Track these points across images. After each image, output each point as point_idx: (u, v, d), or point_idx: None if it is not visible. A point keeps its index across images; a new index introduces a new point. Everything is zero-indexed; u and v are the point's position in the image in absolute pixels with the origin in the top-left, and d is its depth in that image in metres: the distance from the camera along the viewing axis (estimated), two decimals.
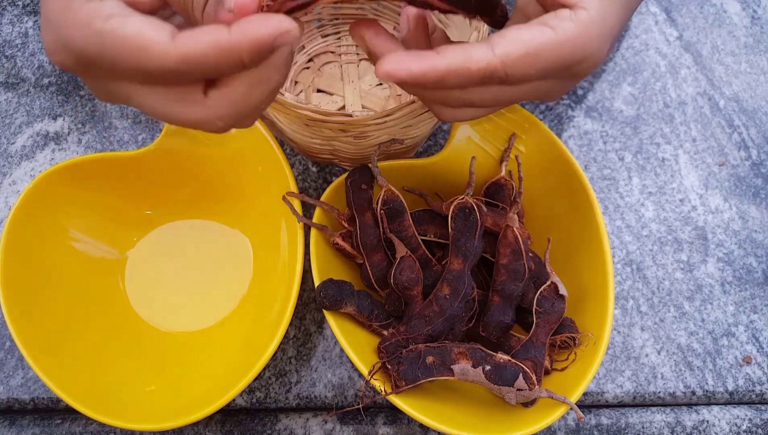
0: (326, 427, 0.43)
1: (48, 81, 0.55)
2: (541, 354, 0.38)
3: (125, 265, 0.46)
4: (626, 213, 0.51)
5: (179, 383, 0.41)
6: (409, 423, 0.43)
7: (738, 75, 0.58)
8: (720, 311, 0.48)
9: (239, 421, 0.43)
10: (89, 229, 0.45)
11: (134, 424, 0.37)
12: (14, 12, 0.58)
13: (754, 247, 0.51)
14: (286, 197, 0.42)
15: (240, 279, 0.46)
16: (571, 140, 0.54)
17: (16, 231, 0.40)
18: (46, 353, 0.39)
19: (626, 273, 0.49)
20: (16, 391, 0.44)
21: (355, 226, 0.41)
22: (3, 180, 0.51)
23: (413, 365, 0.36)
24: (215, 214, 0.48)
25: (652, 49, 0.59)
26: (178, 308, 0.46)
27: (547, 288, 0.39)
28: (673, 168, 0.53)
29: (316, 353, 0.45)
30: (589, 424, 0.44)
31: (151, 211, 0.48)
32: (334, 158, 0.47)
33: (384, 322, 0.40)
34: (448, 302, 0.38)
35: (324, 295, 0.37)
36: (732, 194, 0.53)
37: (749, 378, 0.46)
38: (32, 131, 0.52)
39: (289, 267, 0.41)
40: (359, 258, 0.42)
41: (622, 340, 0.47)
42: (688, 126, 0.55)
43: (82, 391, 0.38)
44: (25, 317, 0.39)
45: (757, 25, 0.61)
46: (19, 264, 0.40)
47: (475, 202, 0.40)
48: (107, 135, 0.53)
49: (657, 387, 0.45)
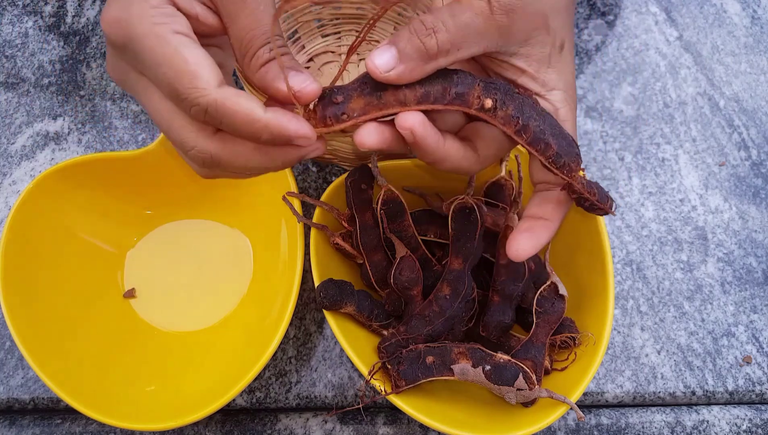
0: (326, 427, 0.43)
1: (48, 81, 0.55)
2: (541, 354, 0.38)
3: (125, 265, 0.46)
4: (626, 213, 0.51)
5: (179, 383, 0.41)
6: (409, 423, 0.43)
7: (738, 75, 0.58)
8: (720, 311, 0.48)
9: (239, 421, 0.43)
10: (89, 229, 0.45)
11: (134, 424, 0.37)
12: (14, 12, 0.58)
13: (754, 247, 0.51)
14: (286, 197, 0.42)
15: (240, 279, 0.46)
16: None
17: (16, 231, 0.40)
18: (45, 353, 0.39)
19: (626, 273, 0.49)
20: (16, 391, 0.44)
21: (355, 226, 0.41)
22: (3, 180, 0.51)
23: (413, 365, 0.36)
24: (215, 214, 0.48)
25: (652, 49, 0.59)
26: (178, 308, 0.46)
27: (547, 288, 0.39)
28: (673, 168, 0.53)
29: (316, 353, 0.45)
30: (589, 424, 0.44)
31: (151, 211, 0.48)
32: (334, 158, 0.47)
33: (384, 322, 0.40)
34: (448, 302, 0.38)
35: (324, 295, 0.37)
36: (732, 194, 0.53)
37: (749, 378, 0.46)
38: (32, 131, 0.52)
39: (289, 267, 0.41)
40: (359, 258, 0.42)
41: (622, 340, 0.47)
42: (688, 126, 0.55)
43: (82, 391, 0.38)
44: (25, 317, 0.39)
45: (757, 25, 0.61)
46: (19, 264, 0.40)
47: (475, 202, 0.40)
48: (107, 135, 0.53)
49: (657, 387, 0.45)
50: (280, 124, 0.24)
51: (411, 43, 0.25)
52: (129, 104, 0.54)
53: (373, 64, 0.25)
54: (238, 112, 0.24)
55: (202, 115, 0.24)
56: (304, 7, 0.51)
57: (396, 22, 0.53)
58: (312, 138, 0.25)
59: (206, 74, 0.24)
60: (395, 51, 0.25)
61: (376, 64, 0.25)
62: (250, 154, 0.26)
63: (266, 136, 0.24)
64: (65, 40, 0.57)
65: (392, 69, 0.25)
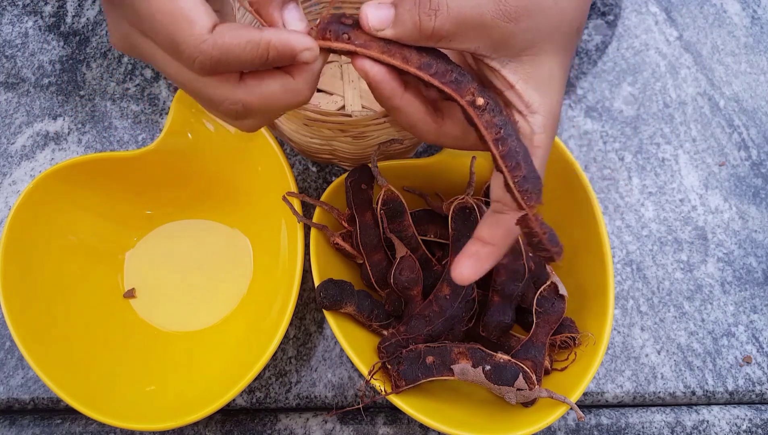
0: (326, 427, 0.43)
1: (48, 81, 0.55)
2: (541, 354, 0.38)
3: (125, 265, 0.46)
4: (626, 213, 0.51)
5: (179, 383, 0.41)
6: (409, 423, 0.43)
7: (738, 75, 0.58)
8: (720, 311, 0.48)
9: (239, 421, 0.43)
10: (89, 229, 0.45)
11: (134, 424, 0.37)
12: (14, 12, 0.58)
13: (754, 247, 0.51)
14: (286, 197, 0.42)
15: (240, 279, 0.46)
16: (571, 140, 0.54)
17: (16, 231, 0.40)
18: (45, 353, 0.39)
19: (626, 273, 0.49)
20: (16, 391, 0.44)
21: (355, 226, 0.41)
22: (3, 180, 0.51)
23: (413, 365, 0.36)
24: (215, 214, 0.48)
25: (652, 49, 0.59)
26: (178, 308, 0.46)
27: (547, 288, 0.39)
28: (673, 168, 0.53)
29: (316, 353, 0.45)
30: (589, 424, 0.44)
31: (151, 211, 0.48)
32: (334, 158, 0.47)
33: (384, 322, 0.40)
34: (448, 302, 0.38)
35: (324, 295, 0.37)
36: (732, 194, 0.53)
37: (749, 378, 0.46)
38: (32, 131, 0.52)
39: (289, 267, 0.41)
40: (359, 258, 0.42)
41: (622, 340, 0.47)
42: (688, 126, 0.55)
43: (82, 391, 0.38)
44: (25, 317, 0.39)
45: (757, 25, 0.61)
46: (19, 264, 0.40)
47: (475, 202, 0.40)
48: (107, 135, 0.53)
49: (657, 387, 0.45)
50: (281, 39, 0.24)
51: (410, 14, 0.25)
52: (129, 104, 0.54)
53: (366, 15, 0.25)
54: (239, 43, 0.24)
55: (208, 64, 0.24)
56: (304, 7, 0.51)
57: None
58: (315, 49, 0.25)
59: (201, 19, 0.23)
60: (392, 14, 0.25)
61: (369, 17, 0.25)
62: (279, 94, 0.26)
63: (273, 54, 0.24)
64: (65, 40, 0.57)
65: (383, 29, 0.25)
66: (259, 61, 0.24)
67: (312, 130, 0.40)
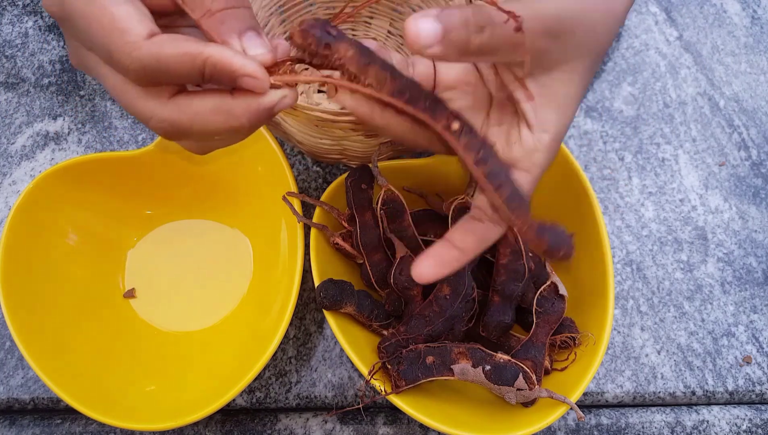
0: (326, 427, 0.43)
1: (48, 81, 0.55)
2: (541, 354, 0.38)
3: (125, 265, 0.46)
4: (626, 213, 0.51)
5: (179, 383, 0.41)
6: (409, 423, 0.43)
7: (738, 75, 0.58)
8: (720, 311, 0.48)
9: (239, 421, 0.43)
10: (89, 229, 0.45)
11: (134, 424, 0.37)
12: (14, 12, 0.58)
13: (754, 247, 0.51)
14: (286, 197, 0.42)
15: (240, 279, 0.46)
16: (571, 140, 0.54)
17: (16, 231, 0.40)
18: (46, 353, 0.39)
19: (626, 273, 0.49)
20: (16, 391, 0.44)
21: (355, 226, 0.41)
22: (3, 180, 0.51)
23: (413, 365, 0.36)
24: (215, 214, 0.48)
25: (652, 49, 0.59)
26: (178, 308, 0.46)
27: (547, 288, 0.39)
28: (673, 168, 0.53)
29: (316, 353, 0.45)
30: (589, 424, 0.44)
31: (151, 211, 0.48)
32: (343, 158, 0.46)
33: (384, 322, 0.40)
34: (448, 302, 0.38)
35: (324, 295, 0.37)
36: (732, 194, 0.53)
37: (749, 378, 0.46)
38: (32, 131, 0.52)
39: (289, 267, 0.41)
40: (359, 258, 0.42)
41: (622, 340, 0.47)
42: (688, 126, 0.55)
43: (82, 391, 0.38)
44: (25, 317, 0.39)
45: (757, 25, 0.61)
46: (19, 264, 0.40)
47: None
48: (107, 135, 0.53)
49: (657, 387, 0.45)
50: (222, 57, 0.23)
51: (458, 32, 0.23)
52: None
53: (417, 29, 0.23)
54: (174, 54, 0.22)
55: (143, 74, 0.23)
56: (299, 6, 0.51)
57: (392, 18, 0.53)
58: (260, 79, 0.23)
59: (135, 28, 0.22)
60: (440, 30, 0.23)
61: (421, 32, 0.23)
62: (210, 115, 0.24)
63: (210, 70, 0.23)
64: (65, 40, 0.57)
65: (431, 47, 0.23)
66: (196, 76, 0.23)
67: (322, 131, 0.40)
